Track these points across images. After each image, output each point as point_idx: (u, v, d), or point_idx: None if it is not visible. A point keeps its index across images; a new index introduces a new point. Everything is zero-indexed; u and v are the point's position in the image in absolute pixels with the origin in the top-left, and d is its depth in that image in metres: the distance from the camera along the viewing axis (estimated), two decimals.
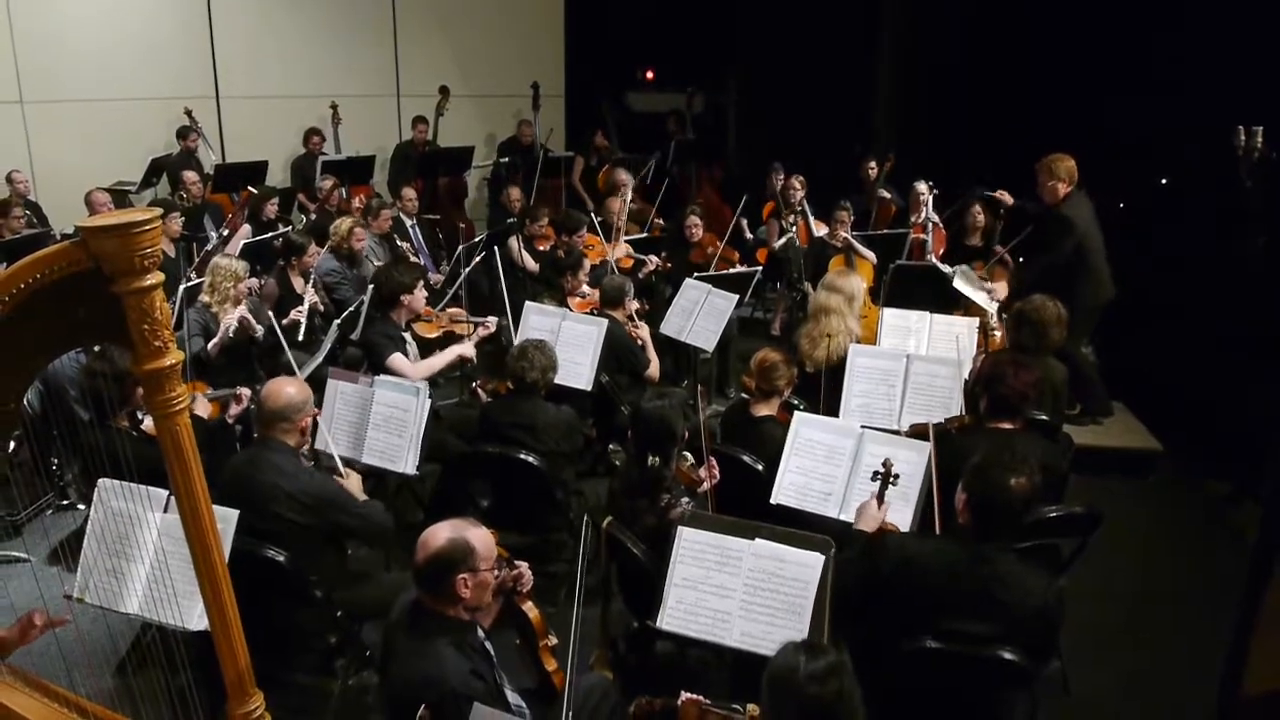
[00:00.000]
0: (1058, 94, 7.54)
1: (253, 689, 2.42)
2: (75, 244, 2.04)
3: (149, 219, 2.05)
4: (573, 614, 3.34)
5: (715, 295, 5.68)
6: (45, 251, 2.06)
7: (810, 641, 2.16)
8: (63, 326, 2.13)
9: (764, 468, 3.82)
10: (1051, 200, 5.74)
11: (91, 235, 2.02)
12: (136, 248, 2.03)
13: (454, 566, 2.47)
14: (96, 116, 8.74)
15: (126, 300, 2.06)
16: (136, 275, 2.05)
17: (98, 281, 2.04)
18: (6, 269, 2.33)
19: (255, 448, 3.49)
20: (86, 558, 3.00)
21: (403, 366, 4.64)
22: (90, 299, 2.07)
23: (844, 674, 2.11)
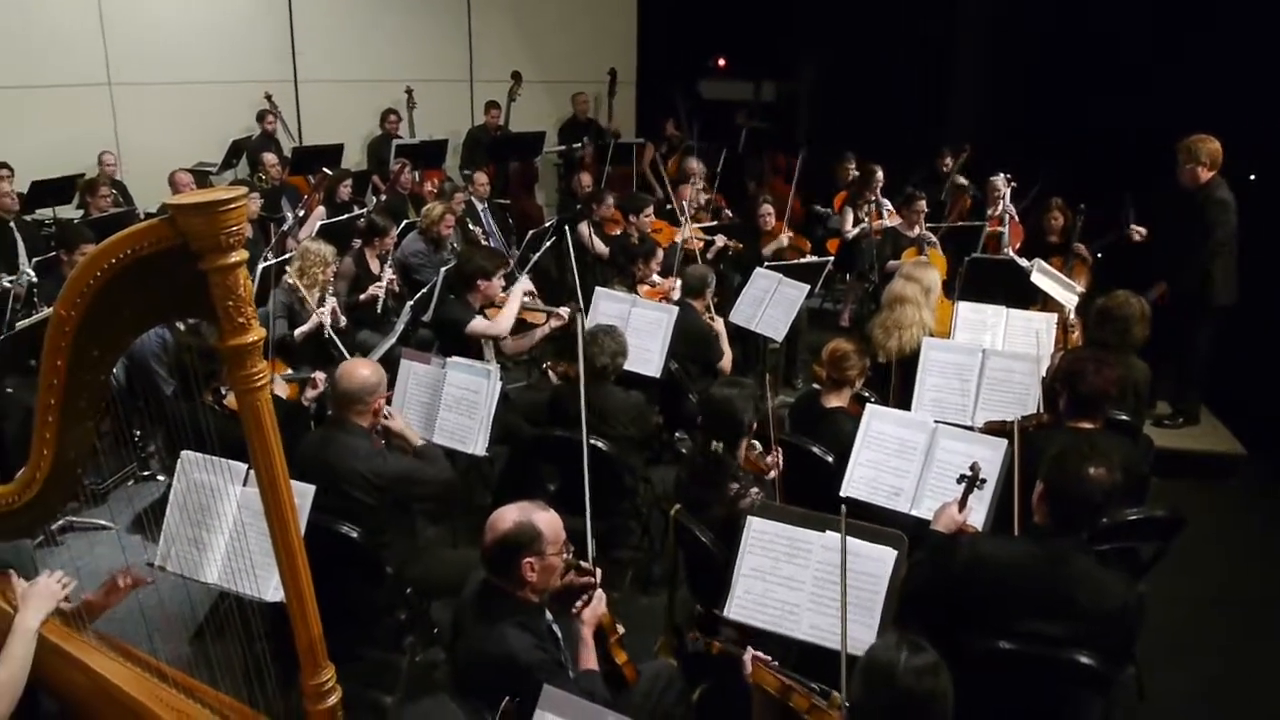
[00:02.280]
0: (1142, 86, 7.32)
1: (324, 661, 2.46)
2: (164, 221, 2.07)
3: (235, 197, 2.08)
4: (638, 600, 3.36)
5: (786, 285, 5.62)
6: (135, 228, 2.10)
7: (911, 637, 2.13)
8: (151, 301, 2.17)
9: (833, 460, 3.78)
10: (1191, 183, 5.55)
11: (180, 212, 2.05)
12: (222, 225, 2.06)
13: (520, 549, 2.49)
14: (180, 99, 8.96)
15: (211, 277, 2.10)
16: (222, 252, 2.08)
17: (185, 258, 2.08)
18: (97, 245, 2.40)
19: (328, 428, 3.54)
20: (169, 527, 3.08)
21: (482, 326, 4.69)
22: (177, 275, 2.11)
23: (942, 672, 2.08)
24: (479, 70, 10.75)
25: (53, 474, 2.24)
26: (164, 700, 2.49)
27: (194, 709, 2.54)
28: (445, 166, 9.44)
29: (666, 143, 10.52)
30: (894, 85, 9.91)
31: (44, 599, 2.43)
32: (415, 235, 6.56)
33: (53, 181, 7.53)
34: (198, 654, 3.22)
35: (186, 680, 2.63)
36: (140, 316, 2.23)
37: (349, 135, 9.43)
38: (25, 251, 6.68)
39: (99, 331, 2.14)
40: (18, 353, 4.75)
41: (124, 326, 2.21)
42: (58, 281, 5.46)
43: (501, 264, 5.19)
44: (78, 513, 4.61)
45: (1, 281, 5.49)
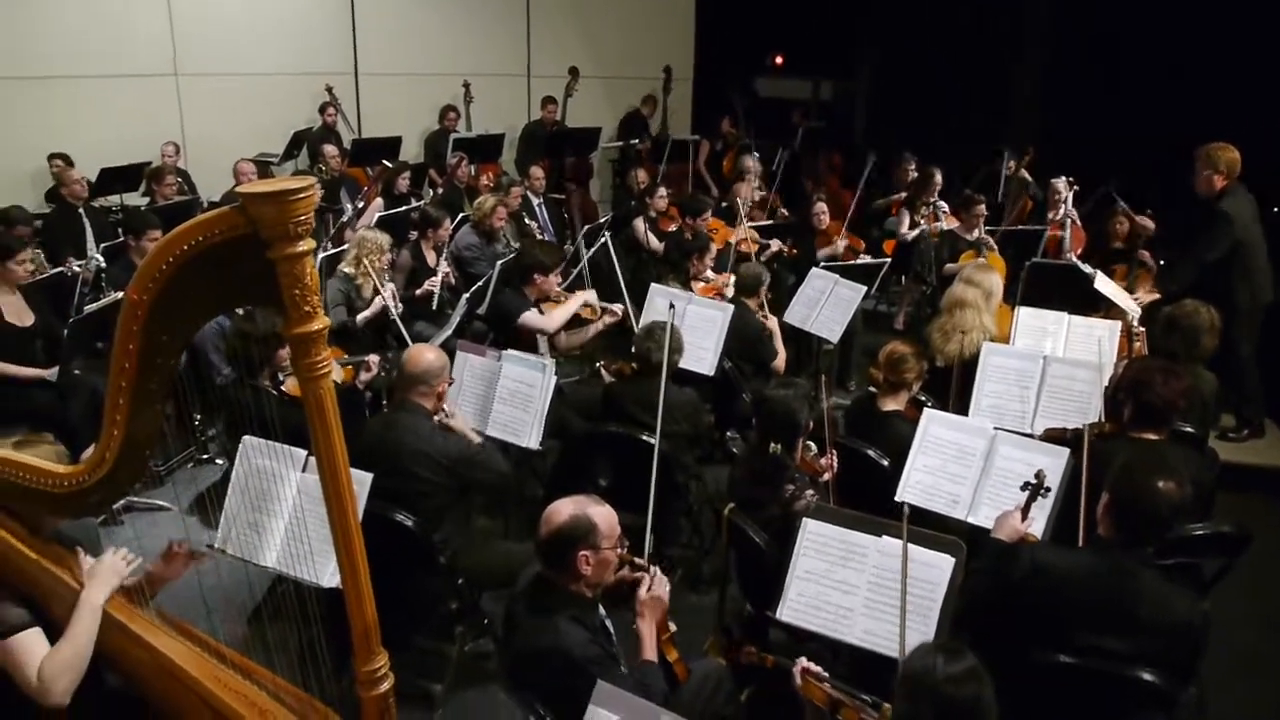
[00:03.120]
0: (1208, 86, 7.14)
1: (378, 648, 2.47)
2: (234, 209, 2.09)
3: (304, 187, 2.10)
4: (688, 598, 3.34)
5: (842, 285, 5.57)
6: (207, 215, 2.12)
7: (949, 644, 2.09)
8: (219, 288, 2.18)
9: (889, 464, 3.73)
10: (1206, 191, 5.44)
11: (250, 201, 2.07)
12: (291, 215, 2.07)
13: (575, 543, 2.49)
14: (244, 91, 9.11)
15: (280, 265, 2.11)
16: (290, 241, 2.10)
17: (254, 246, 2.09)
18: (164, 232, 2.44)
19: (393, 411, 3.61)
20: (229, 510, 3.13)
21: (535, 320, 4.71)
22: (245, 263, 2.12)
23: (982, 679, 2.04)
24: (536, 66, 10.80)
25: (122, 455, 2.27)
26: (222, 680, 2.52)
27: (251, 690, 2.56)
28: (501, 161, 9.50)
29: (722, 140, 10.49)
30: (955, 85, 9.78)
31: (109, 576, 2.48)
32: (468, 228, 6.61)
33: (121, 169, 7.71)
34: (254, 635, 3.26)
35: (244, 661, 2.66)
36: (209, 302, 2.26)
37: (407, 128, 9.54)
38: (93, 237, 6.84)
39: (169, 316, 2.16)
40: (86, 336, 4.87)
41: (193, 312, 2.23)
42: (125, 266, 5.59)
43: (560, 260, 5.22)
44: (139, 493, 4.71)
45: (71, 266, 5.62)
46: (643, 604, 2.69)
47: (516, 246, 6.64)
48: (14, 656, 2.33)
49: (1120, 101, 8.24)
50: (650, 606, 2.68)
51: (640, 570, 2.71)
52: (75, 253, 6.32)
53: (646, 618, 2.68)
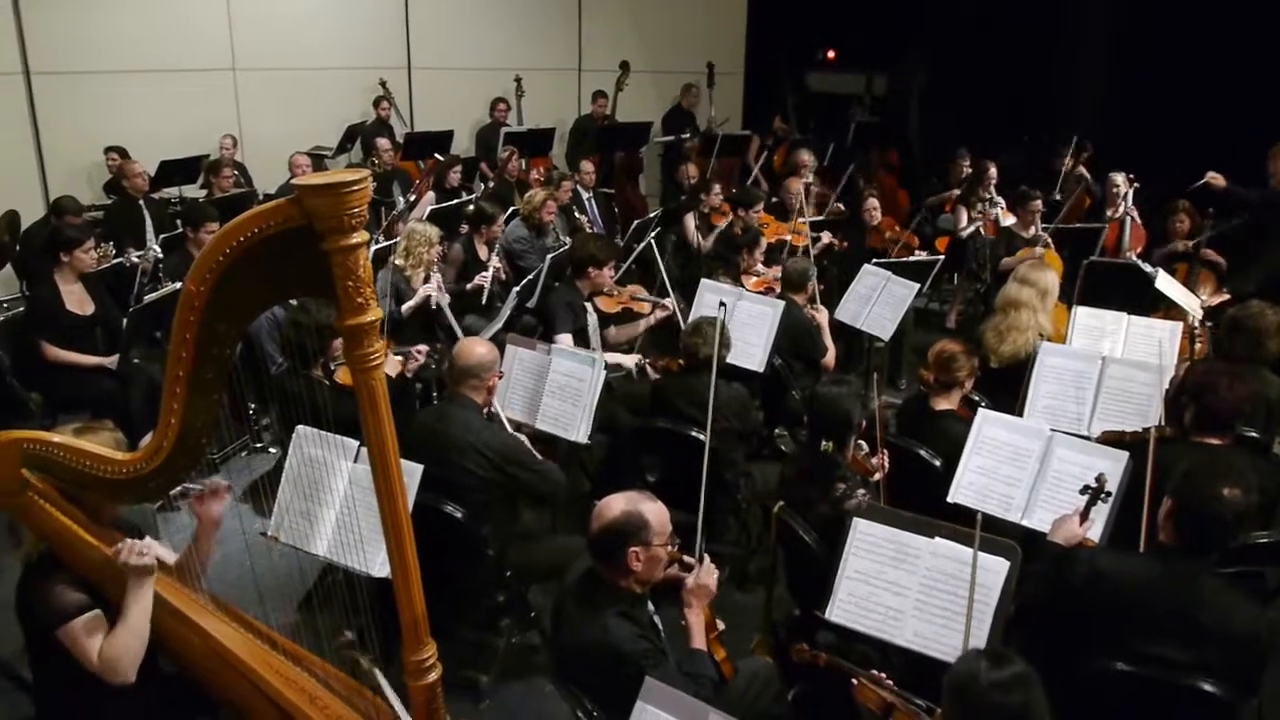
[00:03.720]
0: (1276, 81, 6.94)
1: (427, 638, 2.48)
2: (290, 200, 2.10)
3: (359, 179, 2.10)
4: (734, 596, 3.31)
5: (894, 283, 5.49)
6: (263, 207, 2.15)
7: (995, 649, 2.05)
8: (274, 279, 2.20)
9: (941, 464, 3.68)
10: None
11: (306, 193, 2.08)
12: (346, 207, 2.09)
13: (627, 539, 2.48)
14: (299, 85, 9.24)
15: (333, 257, 2.12)
16: (344, 233, 2.11)
17: (308, 238, 2.11)
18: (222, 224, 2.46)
19: (443, 403, 3.63)
20: (281, 499, 3.17)
21: (568, 345, 4.71)
22: (300, 255, 2.13)
23: (1030, 686, 2.00)
24: (587, 60, 10.81)
25: (179, 443, 2.31)
26: (273, 666, 2.55)
27: (301, 677, 2.59)
28: (551, 155, 9.53)
29: (773, 135, 10.42)
30: (1011, 79, 9.60)
31: (144, 558, 2.50)
32: (518, 222, 6.63)
33: (180, 162, 7.86)
34: (304, 622, 3.30)
35: (294, 648, 2.68)
36: (264, 293, 2.28)
37: (459, 122, 9.59)
38: (153, 228, 6.98)
39: (226, 306, 2.19)
40: (145, 325, 4.97)
41: (249, 302, 2.26)
42: (183, 258, 5.70)
43: (614, 254, 5.21)
44: (194, 480, 4.79)
45: (130, 257, 5.74)
46: (690, 593, 2.68)
47: (566, 240, 6.65)
48: (77, 640, 2.38)
49: (1183, 96, 8.03)
50: (698, 595, 2.67)
51: (689, 569, 2.70)
52: (135, 244, 6.45)
53: (694, 607, 2.67)
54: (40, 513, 2.44)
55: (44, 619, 2.39)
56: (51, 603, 2.39)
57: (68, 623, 2.38)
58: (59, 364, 4.90)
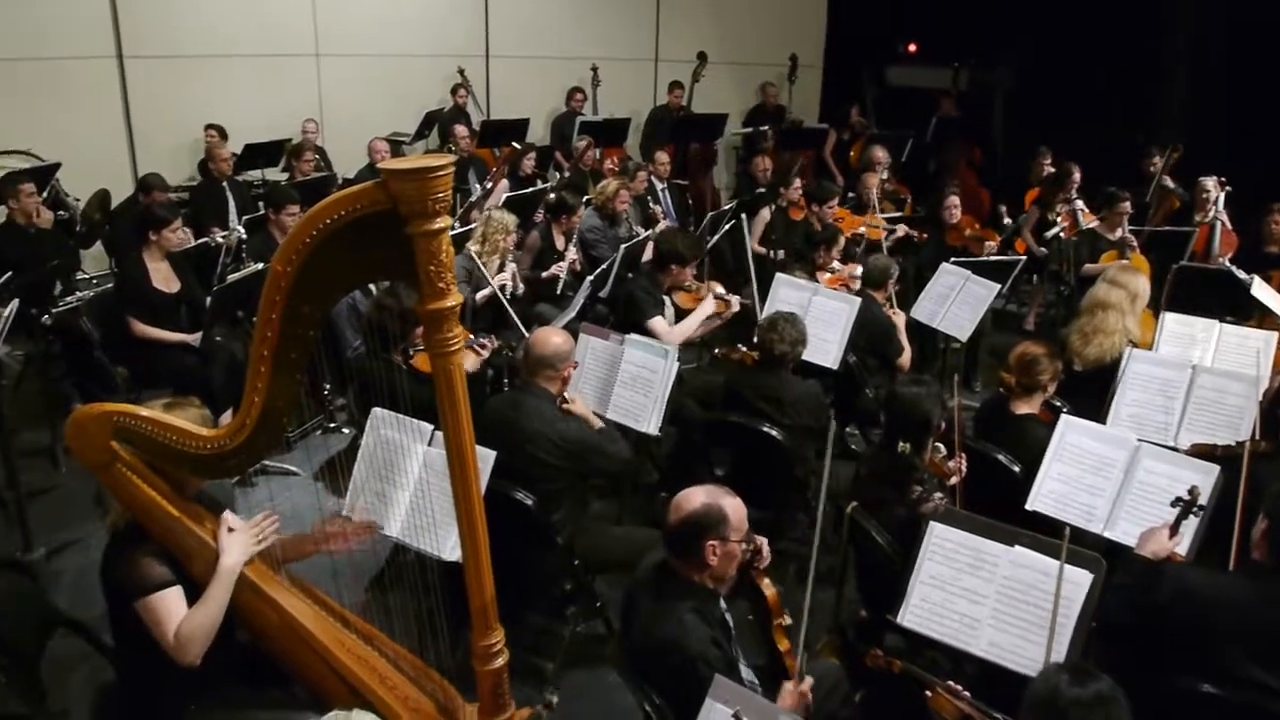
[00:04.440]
0: None
1: (495, 623, 2.49)
2: (376, 185, 2.12)
3: (444, 165, 2.11)
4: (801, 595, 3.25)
5: (974, 282, 5.37)
6: (349, 191, 2.16)
7: (1078, 665, 1.98)
8: (358, 262, 2.22)
9: (1020, 470, 3.58)
10: None
11: (392, 177, 2.10)
12: (431, 191, 2.10)
13: (704, 532, 2.45)
14: (380, 71, 9.36)
15: (417, 242, 2.14)
16: (428, 218, 2.12)
17: (392, 221, 2.12)
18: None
19: (517, 391, 3.65)
20: (356, 479, 3.21)
21: (661, 329, 4.71)
22: (384, 238, 2.15)
23: (1114, 705, 1.93)
24: (664, 50, 10.77)
25: (261, 421, 2.34)
26: (345, 645, 2.58)
27: (372, 656, 2.62)
28: (626, 145, 9.52)
29: (849, 129, 10.27)
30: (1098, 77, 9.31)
31: (244, 546, 2.55)
32: (591, 211, 6.63)
33: (263, 145, 8.02)
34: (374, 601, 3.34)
35: (366, 628, 2.72)
36: (348, 276, 2.31)
37: (535, 110, 9.64)
38: (235, 209, 7.14)
39: (311, 288, 2.21)
40: (228, 304, 5.08)
41: (333, 284, 2.28)
42: (264, 239, 5.81)
43: (699, 253, 5.18)
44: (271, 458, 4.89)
45: (215, 237, 5.87)
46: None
47: (639, 231, 6.64)
48: (156, 614, 2.42)
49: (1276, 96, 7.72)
50: None
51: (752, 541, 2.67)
52: (219, 224, 6.61)
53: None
54: (128, 484, 2.49)
55: (127, 588, 2.44)
56: (136, 573, 2.44)
57: (149, 595, 2.43)
58: (145, 340, 5.04)
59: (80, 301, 4.94)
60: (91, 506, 4.45)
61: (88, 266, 7.24)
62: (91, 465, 2.50)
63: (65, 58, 7.70)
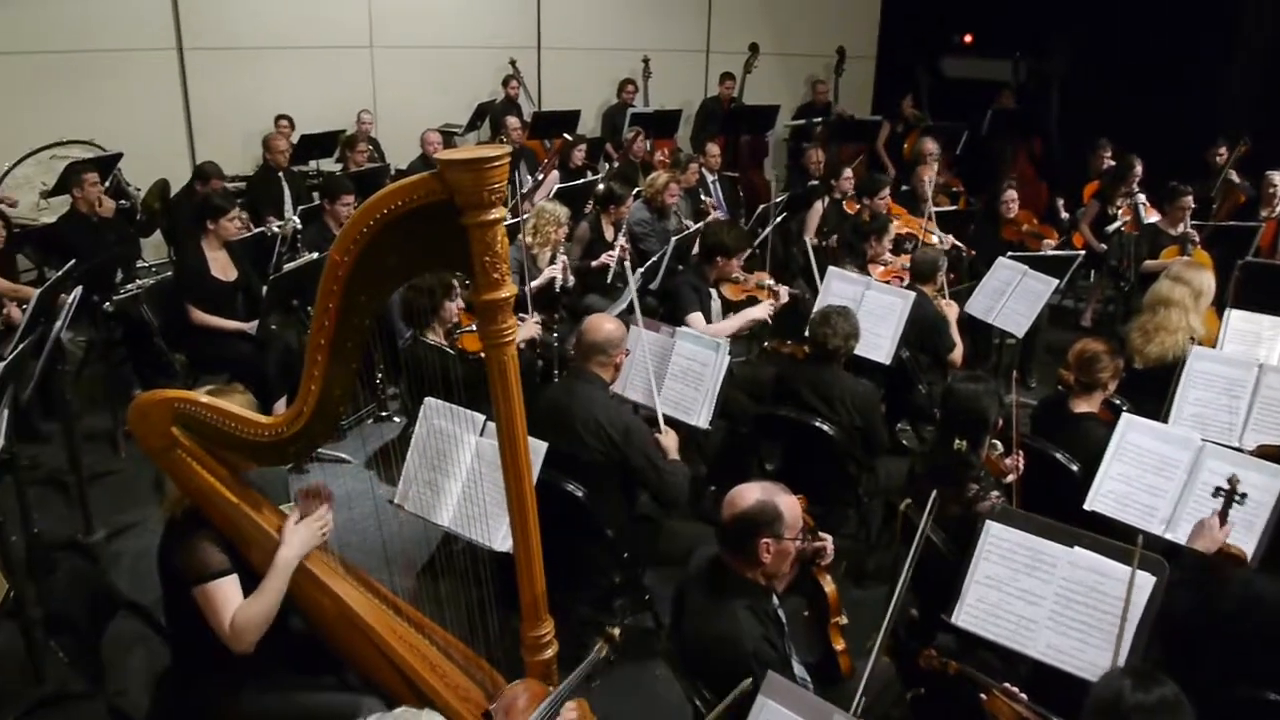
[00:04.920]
0: None
1: (545, 614, 2.50)
2: (433, 175, 2.13)
3: (499, 155, 2.12)
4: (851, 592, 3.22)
5: (1031, 277, 5.27)
6: (406, 181, 2.18)
7: (1142, 669, 1.94)
8: (414, 252, 2.24)
9: (1079, 469, 3.51)
10: None
11: (448, 168, 2.10)
12: (486, 182, 2.10)
13: (759, 529, 2.43)
14: (433, 63, 9.40)
15: (472, 232, 2.14)
16: (484, 209, 2.13)
17: (448, 212, 2.13)
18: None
19: (570, 379, 3.66)
20: (409, 469, 3.23)
21: (699, 325, 4.68)
22: (439, 228, 2.16)
23: (1178, 711, 1.88)
24: (716, 41, 10.71)
25: (318, 409, 2.36)
26: (397, 632, 2.60)
27: (422, 644, 2.63)
28: (676, 137, 9.48)
29: (903, 121, 10.13)
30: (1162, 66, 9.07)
31: (304, 540, 2.57)
32: (640, 204, 6.61)
33: (318, 136, 8.11)
34: (424, 589, 3.37)
35: (417, 616, 2.73)
36: (404, 266, 2.31)
37: (585, 102, 9.63)
38: (291, 200, 7.24)
39: (367, 277, 2.23)
40: (283, 292, 5.15)
41: (389, 274, 2.29)
42: (320, 229, 5.88)
43: (746, 244, 5.14)
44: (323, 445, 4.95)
45: (271, 226, 5.95)
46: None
47: (688, 224, 6.61)
48: (212, 601, 2.45)
49: None
50: None
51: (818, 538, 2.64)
52: (275, 213, 6.70)
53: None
54: (187, 469, 2.52)
55: (185, 574, 2.47)
56: (194, 560, 2.47)
57: (206, 582, 2.45)
58: (203, 327, 5.13)
59: (140, 289, 5.03)
60: (150, 491, 4.54)
61: (147, 255, 7.37)
62: (152, 450, 2.53)
63: (127, 50, 7.85)
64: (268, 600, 2.48)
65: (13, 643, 3.39)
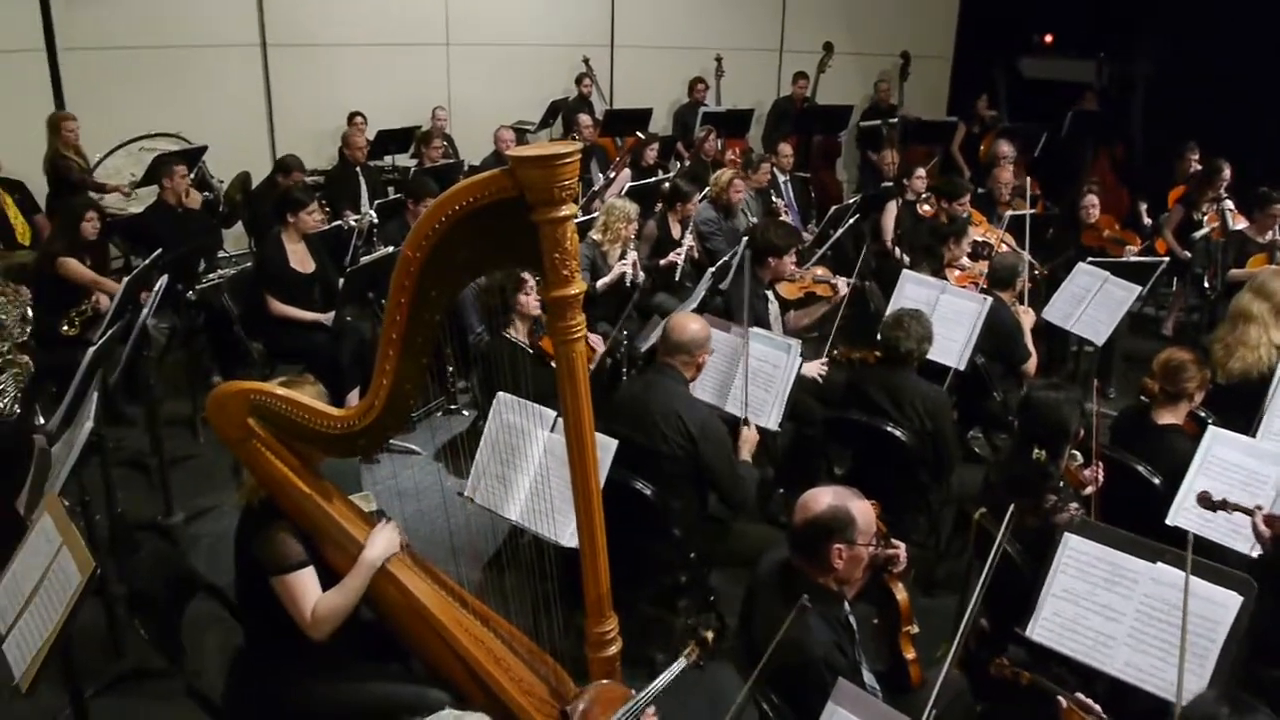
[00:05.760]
0: None
1: (610, 611, 2.50)
2: (504, 171, 2.14)
3: (570, 152, 2.12)
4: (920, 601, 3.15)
5: (1113, 284, 5.12)
6: (478, 178, 2.19)
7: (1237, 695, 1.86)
8: (485, 248, 2.25)
9: (1161, 482, 3.40)
10: None
11: (519, 164, 2.11)
12: (557, 179, 2.10)
13: (831, 535, 2.40)
14: (506, 60, 9.49)
15: (542, 229, 2.15)
16: (554, 206, 2.13)
17: (519, 209, 2.14)
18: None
19: (652, 373, 3.69)
20: (479, 462, 3.25)
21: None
22: (510, 225, 2.17)
23: None
24: (790, 40, 10.63)
25: (389, 403, 2.39)
26: (464, 625, 2.62)
27: (488, 637, 2.65)
28: (748, 136, 9.43)
29: (979, 122, 9.93)
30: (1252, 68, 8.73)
31: (387, 544, 2.62)
32: (706, 203, 6.58)
33: (394, 132, 8.24)
34: (490, 581, 3.40)
35: (483, 609, 2.75)
36: (474, 262, 2.33)
37: (657, 100, 9.64)
38: (368, 194, 7.36)
39: (439, 273, 2.25)
40: (359, 285, 5.24)
41: (460, 270, 2.31)
42: (400, 226, 5.97)
43: (796, 242, 5.08)
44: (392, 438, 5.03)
45: (348, 220, 6.06)
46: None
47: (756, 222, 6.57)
48: (292, 592, 2.50)
49: None
50: None
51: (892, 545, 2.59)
52: (352, 207, 6.82)
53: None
54: (263, 460, 2.58)
55: (266, 564, 2.52)
56: (274, 551, 2.52)
57: (287, 574, 2.51)
58: (281, 317, 5.24)
59: (222, 279, 5.16)
60: (228, 476, 4.66)
61: (228, 245, 7.57)
62: (229, 440, 2.60)
63: (215, 46, 8.07)
64: (348, 596, 2.54)
65: (96, 619, 3.49)
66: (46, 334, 4.82)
